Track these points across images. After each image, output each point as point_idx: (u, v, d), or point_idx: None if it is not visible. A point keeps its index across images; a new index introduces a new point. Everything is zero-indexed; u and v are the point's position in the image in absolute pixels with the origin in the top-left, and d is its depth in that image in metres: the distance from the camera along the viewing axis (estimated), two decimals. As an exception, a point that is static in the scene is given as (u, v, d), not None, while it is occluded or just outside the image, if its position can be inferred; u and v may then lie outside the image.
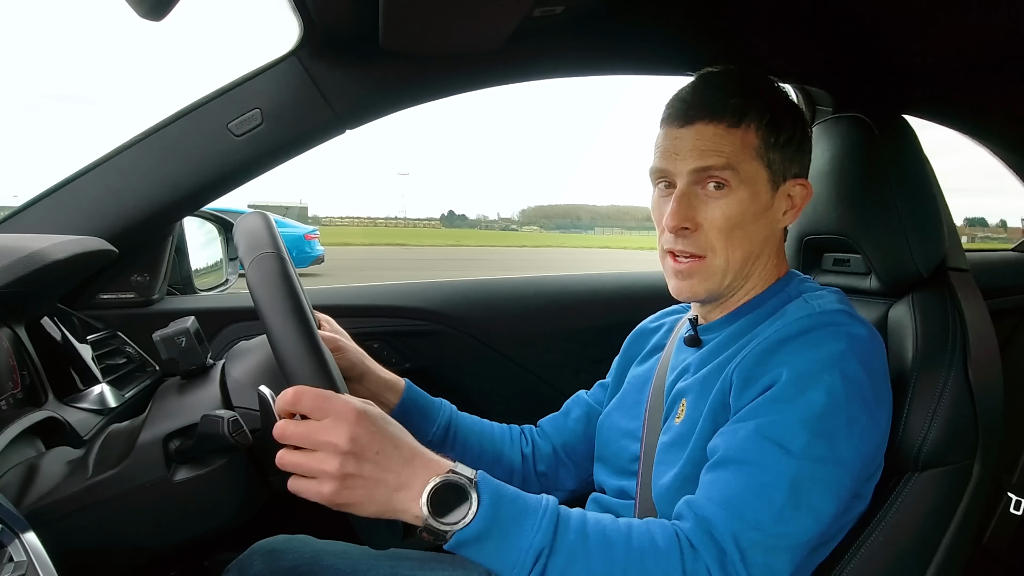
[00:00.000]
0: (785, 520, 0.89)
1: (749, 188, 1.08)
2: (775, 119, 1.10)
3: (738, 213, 1.08)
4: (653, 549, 0.87)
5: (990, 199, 67.68)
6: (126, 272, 1.57)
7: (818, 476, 0.92)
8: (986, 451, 1.16)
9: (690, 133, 1.10)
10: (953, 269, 1.28)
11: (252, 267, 0.93)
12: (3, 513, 0.75)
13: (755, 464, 0.92)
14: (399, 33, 1.25)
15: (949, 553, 1.15)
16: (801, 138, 1.14)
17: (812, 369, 0.96)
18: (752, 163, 1.09)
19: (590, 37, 1.47)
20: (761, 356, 1.02)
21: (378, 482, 0.85)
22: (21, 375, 1.15)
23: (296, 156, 1.48)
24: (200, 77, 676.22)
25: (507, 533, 0.85)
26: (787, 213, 1.15)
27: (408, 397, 1.34)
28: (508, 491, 0.88)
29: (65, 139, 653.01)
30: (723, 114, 1.09)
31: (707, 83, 1.13)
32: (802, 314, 1.05)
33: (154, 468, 0.96)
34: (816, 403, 0.94)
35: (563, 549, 0.85)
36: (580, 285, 1.97)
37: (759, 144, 1.09)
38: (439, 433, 1.35)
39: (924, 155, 1.27)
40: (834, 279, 1.43)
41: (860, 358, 1.00)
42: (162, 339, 1.04)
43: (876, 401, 1.02)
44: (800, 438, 0.92)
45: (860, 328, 1.04)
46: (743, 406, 0.99)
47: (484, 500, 0.85)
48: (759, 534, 0.88)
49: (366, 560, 1.30)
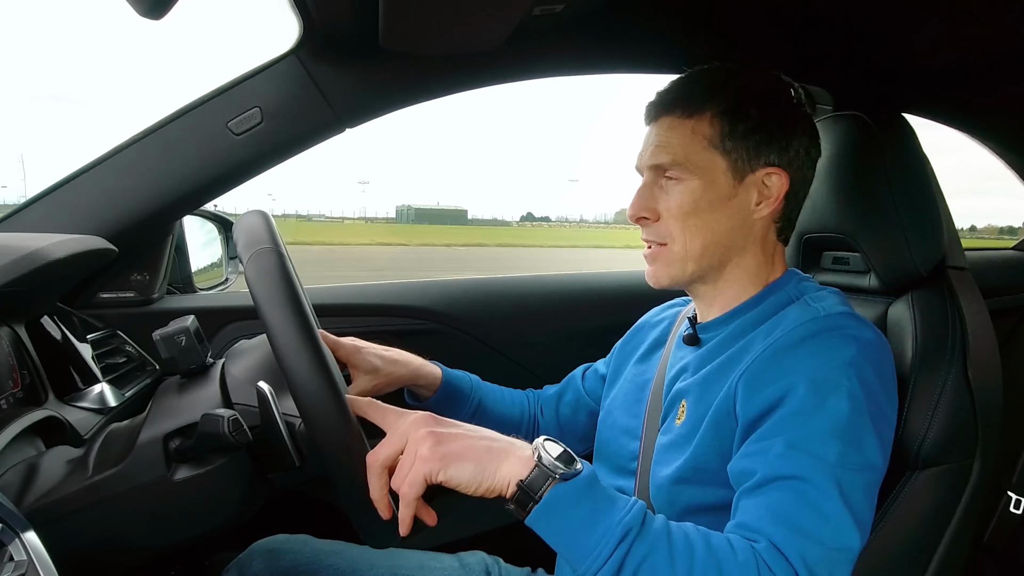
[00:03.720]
0: (841, 532, 0.89)
1: (702, 177, 1.11)
2: (735, 109, 1.11)
3: (690, 201, 1.11)
4: (731, 557, 0.86)
5: (979, 200, 67.88)
6: (126, 271, 1.58)
7: (857, 484, 0.92)
8: (985, 450, 1.17)
9: (653, 129, 1.16)
10: (952, 268, 1.28)
11: (251, 262, 0.93)
12: (3, 512, 0.75)
13: (799, 479, 0.91)
14: (398, 32, 1.25)
15: (949, 551, 1.16)
16: (775, 127, 1.13)
17: (829, 377, 0.96)
18: (705, 152, 1.11)
19: (589, 36, 1.47)
20: (768, 363, 1.02)
21: (470, 440, 0.88)
22: (21, 374, 1.15)
23: (296, 155, 1.49)
24: (198, 77, 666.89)
25: (598, 506, 0.85)
26: (761, 204, 1.14)
27: (445, 386, 1.42)
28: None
29: (59, 138, 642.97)
30: (675, 107, 1.14)
31: (674, 82, 1.18)
32: (806, 318, 1.05)
33: (154, 467, 0.96)
34: (841, 412, 0.94)
35: (649, 535, 0.85)
36: (579, 284, 1.98)
37: (713, 134, 1.11)
38: (466, 417, 1.40)
39: (923, 154, 1.27)
40: (833, 278, 1.43)
41: (872, 363, 1.00)
42: (162, 338, 1.04)
43: (889, 403, 1.02)
44: (834, 448, 0.92)
45: (868, 332, 1.04)
46: (755, 416, 0.98)
47: (587, 466, 0.87)
48: (822, 549, 0.88)
49: (365, 559, 1.31)
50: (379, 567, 1.30)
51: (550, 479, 0.84)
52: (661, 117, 1.15)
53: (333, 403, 0.88)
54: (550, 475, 0.84)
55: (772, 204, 1.13)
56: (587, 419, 1.47)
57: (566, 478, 0.84)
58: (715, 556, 0.85)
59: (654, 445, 1.16)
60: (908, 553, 1.15)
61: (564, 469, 0.84)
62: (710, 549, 0.85)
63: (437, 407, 1.40)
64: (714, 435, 1.04)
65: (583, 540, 0.84)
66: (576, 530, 0.84)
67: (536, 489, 0.84)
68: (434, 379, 1.41)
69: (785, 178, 1.13)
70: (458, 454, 0.86)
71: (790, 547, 0.87)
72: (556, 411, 1.51)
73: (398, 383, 1.37)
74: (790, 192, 1.14)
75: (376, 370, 1.32)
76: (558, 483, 0.84)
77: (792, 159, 1.14)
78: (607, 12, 1.40)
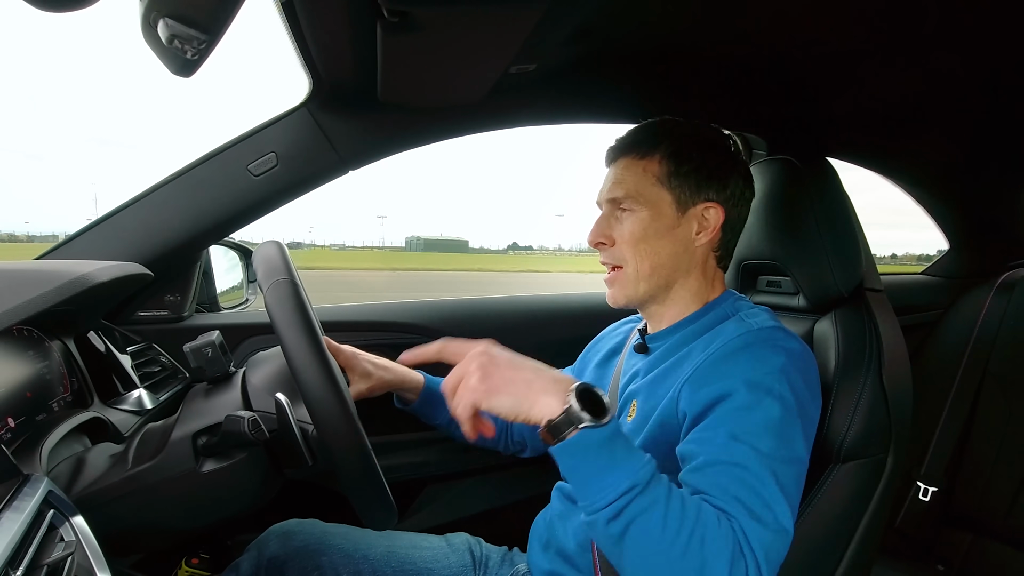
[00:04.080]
0: (779, 515, 0.89)
1: (650, 209, 1.14)
2: (679, 153, 1.15)
3: (640, 229, 1.15)
4: (715, 529, 0.84)
5: (893, 232, 67.02)
6: (160, 293, 1.58)
7: (789, 474, 0.93)
8: (898, 446, 1.19)
9: (612, 169, 1.21)
10: (870, 290, 1.30)
11: (270, 291, 0.94)
12: (55, 499, 0.77)
13: (739, 465, 0.91)
14: (395, 88, 1.27)
15: (867, 533, 1.18)
16: (713, 168, 1.16)
17: (763, 381, 0.98)
18: (653, 188, 1.15)
19: (558, 91, 1.48)
20: (709, 368, 1.04)
21: (513, 375, 0.88)
22: (71, 381, 1.17)
23: (306, 193, 1.49)
24: (227, 122, 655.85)
25: (615, 457, 0.84)
26: (700, 233, 1.17)
27: (427, 391, 1.45)
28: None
29: (114, 179, 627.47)
30: (630, 150, 1.18)
31: (631, 130, 1.22)
32: (742, 331, 1.07)
33: (184, 461, 0.97)
34: (774, 410, 0.96)
35: (649, 494, 0.83)
36: (550, 304, 1.98)
37: (661, 172, 1.15)
38: (448, 417, 1.44)
39: (845, 192, 1.29)
40: (767, 298, 1.45)
41: (800, 370, 1.02)
42: (191, 350, 1.06)
43: (813, 404, 1.04)
44: (768, 441, 0.93)
45: (795, 343, 1.06)
46: (699, 411, 0.99)
47: (614, 419, 0.86)
48: (767, 530, 0.87)
49: (366, 540, 1.32)
50: (377, 547, 1.31)
51: (573, 426, 0.83)
52: (619, 159, 1.19)
53: (341, 413, 0.89)
54: (574, 422, 0.83)
55: (710, 234, 1.16)
56: None
57: (590, 427, 0.83)
58: (701, 525, 0.83)
59: None
60: (832, 534, 1.17)
61: (588, 420, 0.82)
62: (699, 518, 0.84)
63: (421, 409, 1.45)
64: (659, 430, 1.06)
65: (594, 482, 0.84)
66: (590, 473, 0.84)
67: (561, 431, 0.84)
68: (417, 385, 1.44)
69: (721, 212, 1.16)
70: (499, 388, 0.87)
71: (738, 520, 0.87)
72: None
73: (387, 387, 1.41)
74: (726, 224, 1.17)
75: (369, 375, 1.35)
76: (582, 430, 0.83)
77: (728, 197, 1.17)
78: (573, 71, 1.40)
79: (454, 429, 1.48)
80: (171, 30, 0.80)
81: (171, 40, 0.82)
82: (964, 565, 1.99)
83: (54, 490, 0.78)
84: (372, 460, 0.93)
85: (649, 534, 0.82)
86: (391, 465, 1.70)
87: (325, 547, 1.28)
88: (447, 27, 0.95)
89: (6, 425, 0.94)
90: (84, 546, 0.73)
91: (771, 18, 1.19)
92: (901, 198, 2.26)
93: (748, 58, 1.38)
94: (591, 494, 0.84)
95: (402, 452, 1.73)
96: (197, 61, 0.89)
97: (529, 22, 0.95)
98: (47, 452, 0.94)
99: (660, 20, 1.22)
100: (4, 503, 0.71)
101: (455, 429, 1.49)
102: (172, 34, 0.81)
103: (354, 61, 1.21)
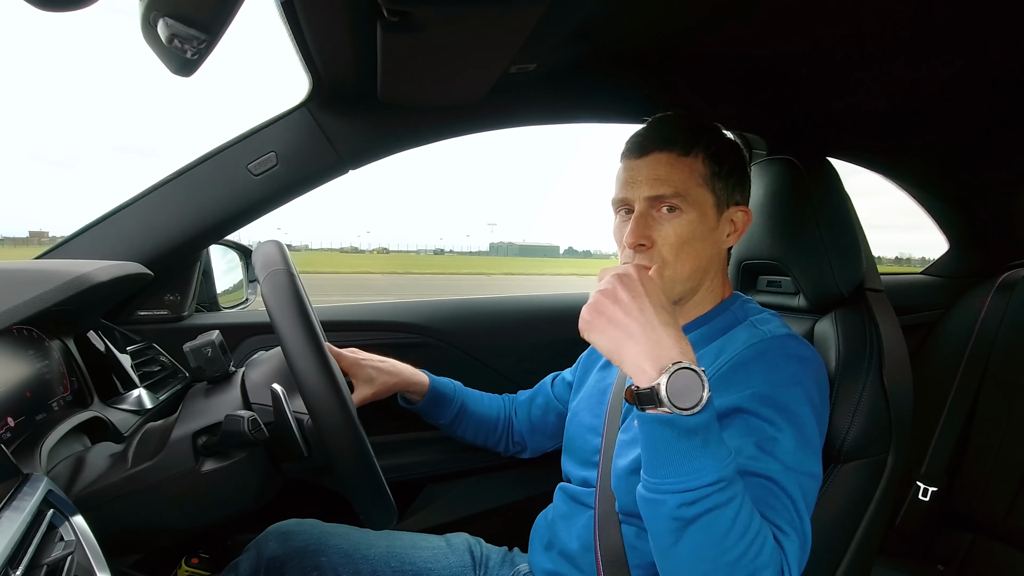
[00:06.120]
0: (804, 526, 0.90)
1: (697, 211, 1.11)
2: (719, 152, 1.14)
3: (688, 232, 1.11)
4: (769, 540, 0.84)
5: (908, 235, 66.88)
6: (160, 292, 1.58)
7: (810, 489, 0.95)
8: (898, 445, 1.19)
9: (646, 163, 1.13)
10: (870, 290, 1.30)
11: (266, 280, 0.95)
12: (55, 499, 0.76)
13: (771, 479, 0.91)
14: (394, 88, 1.26)
15: (867, 531, 1.18)
16: (741, 171, 1.17)
17: (782, 393, 0.98)
18: (699, 189, 1.12)
19: (558, 90, 1.48)
20: (724, 376, 1.03)
21: (622, 318, 0.87)
22: (70, 380, 1.17)
23: (306, 193, 1.49)
24: (227, 124, 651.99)
25: (708, 445, 0.82)
26: (730, 235, 1.17)
27: (431, 392, 1.46)
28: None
29: (127, 186, 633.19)
30: (674, 145, 1.12)
31: (661, 122, 1.17)
32: (755, 339, 1.06)
33: (184, 460, 0.97)
34: (797, 423, 0.96)
35: (730, 490, 0.81)
36: (549, 303, 1.97)
37: (706, 172, 1.12)
38: (451, 417, 1.46)
39: (845, 192, 1.29)
40: (768, 298, 1.45)
41: (813, 378, 1.03)
42: (191, 350, 1.06)
43: (824, 411, 1.05)
44: (792, 456, 0.94)
45: (806, 350, 1.06)
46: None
47: (708, 408, 0.82)
48: (792, 541, 0.88)
49: (365, 539, 1.32)
50: (377, 547, 1.31)
51: (656, 405, 0.82)
52: (653, 152, 1.13)
53: (336, 400, 0.89)
54: (658, 403, 0.81)
55: (738, 236, 1.18)
56: (556, 419, 1.49)
57: (680, 413, 0.81)
58: (761, 536, 0.83)
59: (614, 441, 1.17)
60: (832, 534, 1.16)
61: (668, 407, 0.80)
62: (761, 528, 0.83)
63: (425, 410, 1.45)
64: None
65: (676, 464, 0.82)
66: (674, 454, 0.82)
67: (644, 403, 0.83)
68: (422, 386, 1.44)
69: (748, 215, 1.18)
70: (599, 329, 0.88)
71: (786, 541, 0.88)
72: (528, 413, 1.53)
73: (392, 390, 1.41)
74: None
75: (372, 380, 1.36)
76: (673, 413, 0.81)
77: (748, 198, 1.19)
78: (573, 70, 1.40)
79: (455, 429, 1.49)
80: (171, 29, 0.81)
81: (171, 39, 0.82)
82: (964, 565, 1.98)
83: (54, 489, 0.78)
84: (366, 445, 0.93)
85: (717, 528, 0.81)
86: (391, 465, 1.69)
87: (324, 547, 1.28)
88: (447, 27, 0.95)
89: (6, 424, 0.94)
90: (84, 546, 0.73)
91: (772, 18, 1.20)
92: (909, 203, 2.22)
93: (749, 58, 1.38)
94: (670, 474, 0.83)
95: (402, 452, 1.73)
96: (197, 61, 0.89)
97: (529, 22, 0.94)
98: (47, 452, 0.94)
99: (660, 20, 1.22)
100: (4, 502, 0.71)
101: (456, 429, 1.49)
102: (172, 33, 0.81)
103: (354, 61, 1.21)
